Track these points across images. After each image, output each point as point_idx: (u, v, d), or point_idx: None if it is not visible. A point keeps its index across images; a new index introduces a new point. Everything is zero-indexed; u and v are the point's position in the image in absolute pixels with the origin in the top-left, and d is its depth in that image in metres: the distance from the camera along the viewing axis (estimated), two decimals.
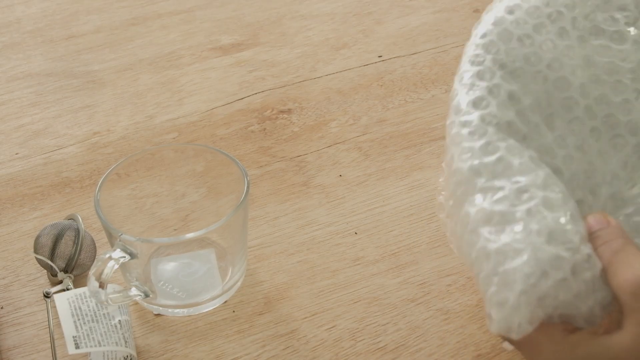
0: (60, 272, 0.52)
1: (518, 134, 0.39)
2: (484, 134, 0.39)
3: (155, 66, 0.76)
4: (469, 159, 0.38)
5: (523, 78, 0.41)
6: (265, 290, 0.53)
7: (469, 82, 0.40)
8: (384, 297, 0.52)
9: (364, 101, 0.70)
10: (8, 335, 0.50)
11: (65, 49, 0.78)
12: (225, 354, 0.49)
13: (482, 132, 0.39)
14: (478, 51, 0.41)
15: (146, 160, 0.53)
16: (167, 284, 0.51)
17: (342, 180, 0.61)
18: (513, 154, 0.38)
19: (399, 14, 0.83)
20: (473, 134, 0.39)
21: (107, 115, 0.69)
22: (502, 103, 0.40)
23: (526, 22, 0.42)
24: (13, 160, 0.65)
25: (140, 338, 0.50)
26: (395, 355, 0.48)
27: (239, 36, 0.80)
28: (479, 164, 0.38)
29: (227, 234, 0.51)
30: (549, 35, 0.42)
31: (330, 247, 0.56)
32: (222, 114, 0.69)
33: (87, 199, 0.60)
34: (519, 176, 0.37)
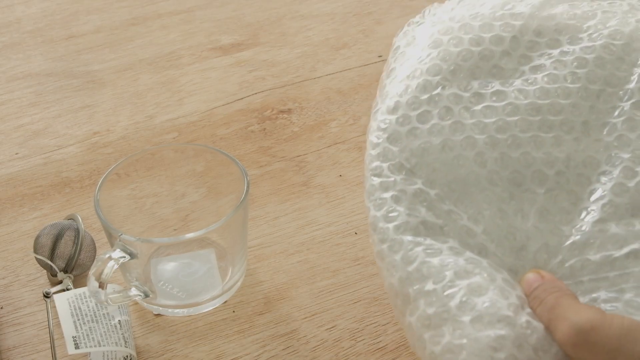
0: (60, 272, 0.52)
1: (435, 228, 0.40)
2: (401, 244, 0.40)
3: (155, 66, 0.76)
4: (396, 272, 0.40)
5: (423, 171, 0.42)
6: (265, 290, 0.53)
7: (375, 197, 0.42)
8: (384, 297, 0.52)
9: (364, 101, 0.70)
10: (8, 335, 0.50)
11: (65, 49, 0.78)
12: (225, 354, 0.49)
13: (399, 243, 0.40)
14: (375, 162, 0.43)
15: (146, 160, 0.53)
16: (167, 284, 0.51)
17: (342, 180, 0.61)
18: (431, 254, 0.39)
19: (399, 14, 0.83)
20: (392, 248, 0.40)
21: (107, 115, 0.69)
22: (410, 206, 0.41)
23: (409, 116, 0.43)
24: (13, 160, 0.64)
25: (140, 338, 0.50)
26: (395, 355, 0.48)
27: (239, 36, 0.80)
28: (405, 275, 0.39)
29: (227, 234, 0.51)
30: (433, 119, 0.43)
31: (330, 247, 0.56)
32: (222, 114, 0.69)
33: (87, 199, 0.60)
34: (444, 272, 0.38)
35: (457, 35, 0.46)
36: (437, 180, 0.42)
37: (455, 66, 0.45)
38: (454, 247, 0.40)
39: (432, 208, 0.41)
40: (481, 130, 0.43)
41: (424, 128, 0.43)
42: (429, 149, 0.42)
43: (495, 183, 0.42)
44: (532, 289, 0.39)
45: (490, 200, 0.42)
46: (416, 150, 0.42)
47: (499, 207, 0.42)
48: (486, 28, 0.46)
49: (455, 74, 0.44)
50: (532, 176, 0.42)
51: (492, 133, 0.43)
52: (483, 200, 0.42)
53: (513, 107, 0.43)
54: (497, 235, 0.41)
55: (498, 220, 0.41)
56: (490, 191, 0.42)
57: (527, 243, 0.41)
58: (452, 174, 0.42)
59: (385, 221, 0.41)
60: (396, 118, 0.43)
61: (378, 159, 0.43)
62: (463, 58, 0.45)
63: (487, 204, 0.42)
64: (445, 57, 0.45)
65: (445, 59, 0.45)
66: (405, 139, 0.43)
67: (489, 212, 0.42)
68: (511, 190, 0.42)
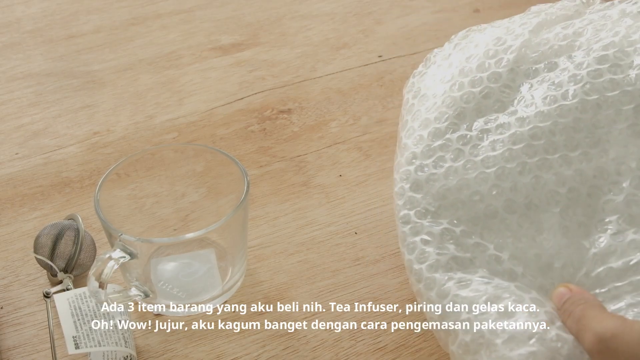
0: (60, 272, 0.52)
1: (464, 261, 0.43)
2: (434, 281, 0.42)
3: (155, 66, 0.76)
4: (434, 308, 0.42)
5: (446, 212, 0.45)
6: (265, 290, 0.53)
7: (407, 242, 0.45)
8: (384, 297, 0.52)
9: (364, 101, 0.70)
10: (8, 335, 0.50)
11: (65, 49, 0.78)
12: (225, 354, 0.49)
13: (432, 281, 0.43)
14: (403, 211, 0.45)
15: (146, 160, 0.53)
16: (167, 284, 0.51)
17: (342, 180, 0.61)
18: (463, 286, 0.42)
19: (399, 14, 0.83)
20: (427, 286, 0.43)
21: (107, 115, 0.69)
22: (439, 245, 0.43)
23: (426, 164, 0.46)
24: (13, 160, 0.65)
25: (140, 338, 0.50)
26: (395, 355, 0.48)
27: (239, 36, 0.80)
28: (442, 309, 0.42)
29: (227, 234, 0.51)
30: (447, 163, 0.46)
31: (330, 247, 0.56)
32: (222, 114, 0.69)
33: (87, 199, 0.60)
34: (475, 302, 0.41)
35: (457, 80, 0.49)
36: (461, 218, 0.44)
37: (460, 110, 0.47)
38: (484, 276, 0.42)
39: (460, 244, 0.44)
40: (492, 164, 0.45)
41: (440, 172, 0.45)
42: (447, 191, 0.45)
43: (513, 211, 0.44)
44: (562, 303, 0.41)
45: (511, 228, 0.44)
46: (436, 194, 0.45)
47: (520, 232, 0.44)
48: (483, 67, 0.49)
49: (461, 117, 0.47)
50: (546, 198, 0.44)
51: (501, 164, 0.45)
52: (505, 229, 0.44)
53: (517, 136, 0.45)
54: (523, 258, 0.44)
55: (522, 245, 0.44)
56: (509, 219, 0.44)
57: (552, 261, 0.43)
58: (472, 210, 0.44)
59: (419, 262, 0.44)
60: (414, 168, 0.46)
61: (405, 208, 0.45)
62: (466, 101, 0.47)
63: (509, 231, 0.44)
64: (450, 103, 0.48)
65: (450, 105, 0.48)
66: (426, 186, 0.45)
67: (511, 239, 0.44)
68: (529, 214, 0.44)
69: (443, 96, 0.48)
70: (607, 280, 0.42)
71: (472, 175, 0.45)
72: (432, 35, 0.79)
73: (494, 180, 0.45)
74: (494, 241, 0.44)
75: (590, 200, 0.44)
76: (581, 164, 0.44)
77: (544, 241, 0.44)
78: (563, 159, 0.45)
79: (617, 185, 0.44)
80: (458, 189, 0.45)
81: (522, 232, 0.44)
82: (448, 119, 0.47)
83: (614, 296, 0.41)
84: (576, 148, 0.45)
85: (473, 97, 0.48)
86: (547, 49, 0.49)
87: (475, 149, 0.46)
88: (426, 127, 0.48)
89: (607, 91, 0.45)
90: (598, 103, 0.45)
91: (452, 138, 0.46)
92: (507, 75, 0.48)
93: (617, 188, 0.44)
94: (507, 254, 0.43)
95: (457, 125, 0.47)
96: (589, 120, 0.45)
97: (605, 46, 0.47)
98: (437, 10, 0.83)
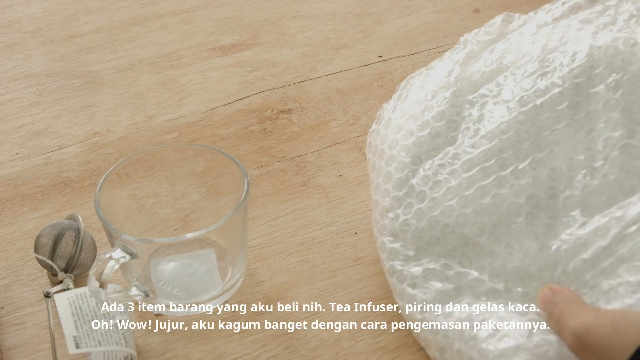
0: (61, 272, 0.52)
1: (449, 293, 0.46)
2: (427, 320, 0.45)
3: (155, 66, 0.76)
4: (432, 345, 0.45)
5: (425, 252, 0.47)
6: (265, 290, 0.53)
7: (398, 290, 0.48)
8: (384, 297, 0.52)
9: (364, 101, 0.70)
10: (8, 335, 0.50)
11: (66, 49, 0.79)
12: (225, 354, 0.49)
13: (426, 320, 0.45)
14: (388, 264, 0.48)
15: (146, 160, 0.53)
16: (167, 284, 0.51)
17: (342, 180, 0.61)
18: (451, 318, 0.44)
19: (399, 14, 0.83)
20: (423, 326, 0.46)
21: (107, 115, 0.69)
22: (424, 286, 0.46)
23: (396, 214, 0.49)
24: (13, 160, 0.65)
25: (140, 338, 0.50)
26: (395, 355, 0.48)
27: (239, 36, 0.80)
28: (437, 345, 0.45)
29: (227, 234, 0.51)
30: (413, 207, 0.48)
31: (330, 247, 0.56)
32: (222, 114, 0.69)
33: (87, 199, 0.60)
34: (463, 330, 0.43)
35: (407, 128, 0.51)
36: (439, 253, 0.47)
37: (415, 155, 0.50)
38: (469, 302, 0.45)
39: (442, 278, 0.46)
40: (452, 195, 0.47)
41: (410, 218, 0.48)
42: (421, 232, 0.48)
43: (482, 232, 0.46)
44: (545, 304, 0.42)
45: (485, 249, 0.46)
46: (412, 239, 0.48)
47: (494, 251, 0.46)
48: (426, 111, 0.51)
49: (417, 162, 0.50)
50: (508, 212, 0.46)
51: (461, 193, 0.47)
52: (480, 251, 0.46)
53: (470, 162, 0.48)
54: (503, 274, 0.46)
55: (498, 262, 0.46)
56: (481, 241, 0.46)
57: (529, 269, 0.45)
58: (447, 243, 0.47)
59: (409, 306, 0.46)
60: (388, 221, 0.49)
61: (389, 260, 0.48)
62: (418, 145, 0.50)
63: (483, 253, 0.46)
64: (405, 152, 0.50)
65: (405, 154, 0.50)
66: (401, 234, 0.48)
67: (487, 259, 0.46)
68: (496, 232, 0.46)
69: (397, 147, 0.51)
70: (584, 272, 0.43)
71: (437, 211, 0.47)
72: (432, 36, 0.79)
73: (458, 210, 0.47)
74: (472, 266, 0.46)
75: (551, 201, 0.46)
76: (534, 170, 0.46)
77: (516, 253, 0.45)
78: (516, 172, 0.47)
79: (572, 180, 0.46)
80: (430, 227, 0.47)
81: (496, 250, 0.46)
82: (406, 166, 0.50)
83: (593, 285, 0.42)
84: (525, 158, 0.47)
85: (424, 140, 0.50)
86: (479, 77, 0.51)
87: (436, 185, 0.48)
88: (389, 180, 0.50)
89: (539, 98, 0.48)
90: (534, 111, 0.48)
91: (413, 183, 0.49)
92: (449, 111, 0.51)
93: (573, 183, 0.46)
94: (486, 275, 0.46)
95: (416, 170, 0.49)
96: (530, 129, 0.47)
97: (530, 59, 0.50)
98: (437, 10, 0.83)
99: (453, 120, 0.50)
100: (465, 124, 0.50)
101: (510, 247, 0.46)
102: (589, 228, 0.44)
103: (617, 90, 0.46)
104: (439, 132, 0.50)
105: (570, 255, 0.44)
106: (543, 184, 0.46)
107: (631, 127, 0.45)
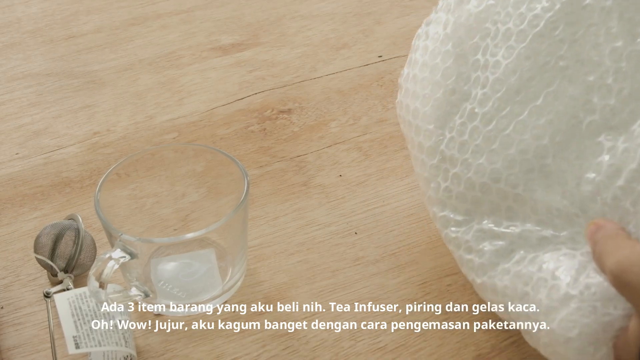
0: (61, 272, 0.52)
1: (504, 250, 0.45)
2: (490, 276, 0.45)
3: (155, 66, 0.76)
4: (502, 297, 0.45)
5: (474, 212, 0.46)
6: (265, 290, 0.53)
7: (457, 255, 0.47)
8: (384, 297, 0.52)
9: (364, 101, 0.70)
10: (8, 335, 0.50)
11: (65, 49, 0.78)
12: (225, 354, 0.49)
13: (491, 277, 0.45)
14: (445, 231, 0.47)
15: (146, 160, 0.53)
16: (167, 284, 0.51)
17: (342, 180, 0.61)
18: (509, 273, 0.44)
19: (399, 14, 0.83)
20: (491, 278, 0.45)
21: (107, 115, 0.69)
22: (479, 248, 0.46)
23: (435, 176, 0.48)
24: (13, 160, 0.65)
25: (140, 338, 0.50)
26: (395, 355, 0.48)
27: (239, 36, 0.80)
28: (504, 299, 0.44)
29: (227, 234, 0.51)
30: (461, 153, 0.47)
31: (330, 247, 0.56)
32: (222, 114, 0.69)
33: (87, 199, 0.60)
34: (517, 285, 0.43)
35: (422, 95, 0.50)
36: (484, 211, 0.46)
37: (436, 119, 0.48)
38: (521, 257, 0.44)
39: (493, 237, 0.45)
40: (479, 154, 0.46)
41: (448, 184, 0.47)
42: (462, 197, 0.46)
43: (517, 183, 0.45)
44: (590, 242, 0.40)
45: (525, 201, 0.45)
46: (456, 204, 0.47)
47: (533, 200, 0.45)
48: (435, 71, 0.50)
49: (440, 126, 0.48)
50: (535, 157, 0.45)
51: (488, 148, 0.46)
52: (519, 205, 0.45)
53: (487, 116, 0.46)
54: (547, 222, 0.44)
55: (540, 210, 0.44)
56: (520, 194, 0.45)
57: (570, 208, 0.44)
58: (488, 203, 0.46)
59: (469, 273, 0.46)
60: (433, 190, 0.48)
61: (444, 228, 0.47)
62: (437, 108, 0.48)
63: (525, 205, 0.45)
64: (427, 118, 0.49)
65: (427, 119, 0.48)
66: (447, 200, 0.47)
67: (530, 209, 0.45)
68: (530, 180, 0.45)
69: (420, 116, 0.49)
70: (623, 199, 0.41)
71: (471, 172, 0.46)
72: None
73: (489, 167, 0.45)
74: (519, 218, 0.45)
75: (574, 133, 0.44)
76: (550, 106, 0.45)
77: (554, 194, 0.44)
78: (532, 112, 0.45)
79: (588, 105, 0.44)
80: (469, 189, 0.46)
81: (534, 198, 0.45)
82: (432, 133, 0.48)
83: (636, 211, 0.41)
84: (538, 96, 0.45)
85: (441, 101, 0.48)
86: (473, 21, 0.49)
87: (463, 147, 0.47)
88: (422, 150, 0.49)
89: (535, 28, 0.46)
90: (534, 42, 0.46)
91: (443, 149, 0.47)
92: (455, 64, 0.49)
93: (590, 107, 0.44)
94: (531, 225, 0.45)
95: (442, 135, 0.48)
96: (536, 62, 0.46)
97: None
98: None
99: (462, 72, 0.49)
100: (474, 73, 0.48)
101: (546, 191, 0.44)
102: (617, 152, 0.42)
103: None
104: (452, 89, 0.48)
105: (605, 185, 0.42)
106: (562, 117, 0.44)
107: (632, 31, 0.43)
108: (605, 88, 0.43)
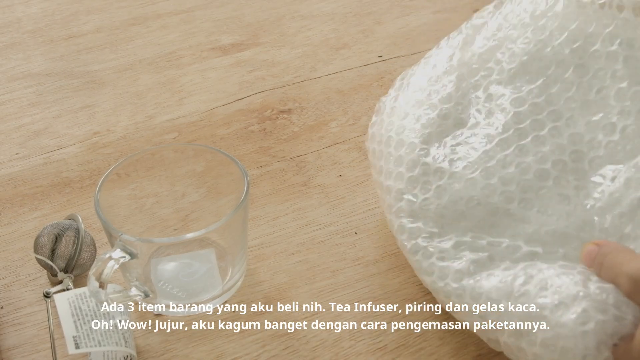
0: (60, 272, 0.52)
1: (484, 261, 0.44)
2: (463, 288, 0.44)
3: (155, 66, 0.76)
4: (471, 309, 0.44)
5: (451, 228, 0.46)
6: (265, 290, 0.53)
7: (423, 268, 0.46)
8: (384, 297, 0.52)
9: (364, 101, 0.70)
10: (8, 335, 0.50)
11: (65, 49, 0.78)
12: (225, 354, 0.49)
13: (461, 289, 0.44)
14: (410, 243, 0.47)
15: (146, 160, 0.53)
16: (167, 284, 0.51)
17: (342, 180, 0.61)
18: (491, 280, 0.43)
19: (399, 14, 0.83)
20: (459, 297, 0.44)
21: (107, 115, 0.69)
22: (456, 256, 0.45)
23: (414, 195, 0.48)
24: (13, 160, 0.65)
25: (140, 338, 0.50)
26: (395, 355, 0.48)
27: (239, 36, 0.80)
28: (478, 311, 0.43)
29: (227, 234, 0.51)
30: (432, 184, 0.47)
31: (330, 247, 0.56)
32: (222, 114, 0.69)
33: (87, 199, 0.60)
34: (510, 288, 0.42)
35: (413, 113, 0.51)
36: (466, 227, 0.46)
37: (425, 136, 0.49)
38: (507, 267, 0.44)
39: (474, 248, 0.45)
40: (474, 168, 0.47)
41: (430, 196, 0.47)
42: (444, 209, 0.46)
43: (511, 200, 0.46)
44: (592, 259, 0.41)
45: (516, 216, 0.45)
46: (435, 216, 0.46)
47: (526, 217, 0.45)
48: (433, 95, 0.51)
49: (428, 142, 0.49)
50: (535, 178, 0.46)
51: (483, 165, 0.46)
52: (511, 220, 0.45)
53: (487, 137, 0.48)
54: (539, 239, 0.45)
55: (532, 228, 0.45)
56: (511, 209, 0.46)
57: (566, 230, 0.45)
58: (474, 216, 0.46)
59: (442, 279, 0.45)
60: (405, 202, 0.48)
61: (410, 240, 0.47)
62: (427, 126, 0.50)
63: (515, 221, 0.45)
64: (414, 135, 0.50)
65: (414, 136, 0.50)
66: (421, 213, 0.47)
67: (520, 226, 0.45)
68: (527, 198, 0.46)
69: (405, 131, 0.50)
70: (622, 225, 0.43)
71: (460, 185, 0.46)
72: (432, 36, 0.79)
73: (482, 182, 0.46)
74: (504, 235, 0.45)
75: (576, 164, 0.46)
76: (554, 138, 0.47)
77: (550, 216, 0.45)
78: (536, 140, 0.47)
79: (593, 142, 0.46)
80: (453, 202, 0.46)
81: (528, 216, 0.45)
82: (417, 146, 0.49)
83: (636, 236, 0.42)
84: (543, 127, 0.47)
85: (433, 121, 0.50)
86: (476, 60, 0.51)
87: (453, 162, 0.47)
88: (401, 163, 0.49)
89: (546, 69, 0.48)
90: (543, 85, 0.48)
91: (428, 161, 0.48)
92: (456, 93, 0.51)
93: (594, 144, 0.46)
94: (521, 241, 0.45)
95: (427, 149, 0.49)
96: (543, 102, 0.48)
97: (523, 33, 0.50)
98: (437, 10, 0.83)
99: (460, 102, 0.50)
100: (474, 106, 0.50)
101: (542, 211, 0.45)
102: (620, 181, 0.44)
103: (614, 41, 0.47)
104: (447, 113, 0.50)
105: (606, 211, 0.44)
106: (566, 149, 0.46)
107: (636, 72, 0.46)
108: (610, 126, 0.46)
